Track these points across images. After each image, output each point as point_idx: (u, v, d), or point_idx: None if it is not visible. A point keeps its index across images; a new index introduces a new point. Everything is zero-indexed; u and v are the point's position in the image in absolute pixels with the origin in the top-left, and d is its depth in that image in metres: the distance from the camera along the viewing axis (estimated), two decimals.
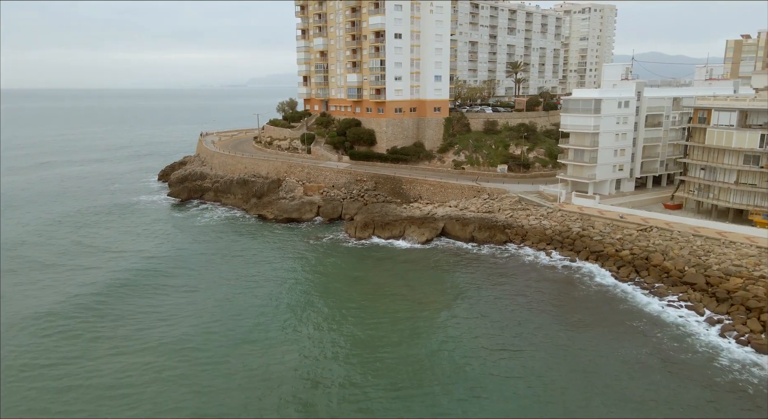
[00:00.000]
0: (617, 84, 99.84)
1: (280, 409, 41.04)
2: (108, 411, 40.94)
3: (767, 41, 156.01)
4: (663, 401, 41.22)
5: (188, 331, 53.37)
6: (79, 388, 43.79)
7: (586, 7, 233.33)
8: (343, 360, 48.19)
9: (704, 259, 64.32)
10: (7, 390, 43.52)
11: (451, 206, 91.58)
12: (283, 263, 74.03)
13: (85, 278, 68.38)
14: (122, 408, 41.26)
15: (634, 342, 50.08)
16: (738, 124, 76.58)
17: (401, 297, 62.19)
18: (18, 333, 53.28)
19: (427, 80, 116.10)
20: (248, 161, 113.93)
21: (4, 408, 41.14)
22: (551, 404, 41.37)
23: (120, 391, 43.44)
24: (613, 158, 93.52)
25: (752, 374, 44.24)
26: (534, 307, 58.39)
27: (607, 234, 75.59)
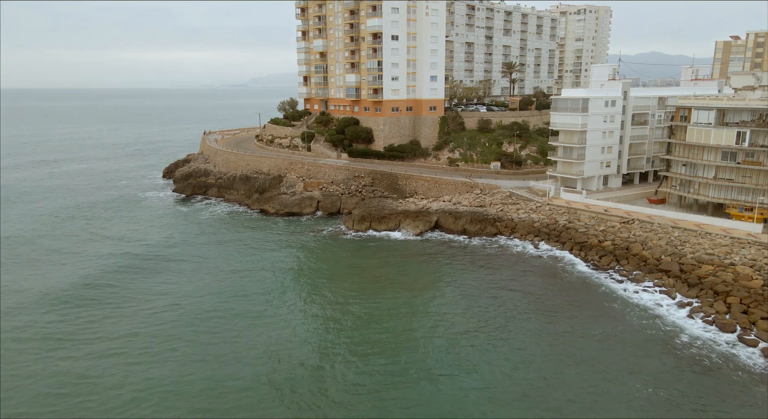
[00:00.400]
0: (605, 84, 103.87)
1: (289, 376, 45.18)
2: (125, 375, 45.19)
3: (755, 42, 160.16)
4: (627, 370, 45.42)
5: (198, 308, 58.20)
6: (95, 353, 48.03)
7: (581, 9, 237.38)
8: (344, 335, 52.47)
9: (680, 249, 68.50)
10: (24, 359, 47.75)
11: (445, 201, 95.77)
12: (285, 251, 78.49)
13: (99, 261, 74.29)
14: (138, 371, 45.46)
15: (607, 322, 54.30)
16: (716, 122, 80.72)
17: (396, 282, 66.47)
18: (41, 308, 58.72)
19: (423, 80, 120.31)
20: (250, 158, 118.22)
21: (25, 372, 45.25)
22: (530, 372, 45.53)
23: (134, 359, 47.79)
24: (600, 155, 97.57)
25: (712, 349, 48.43)
26: (519, 292, 62.59)
27: (592, 226, 79.78)
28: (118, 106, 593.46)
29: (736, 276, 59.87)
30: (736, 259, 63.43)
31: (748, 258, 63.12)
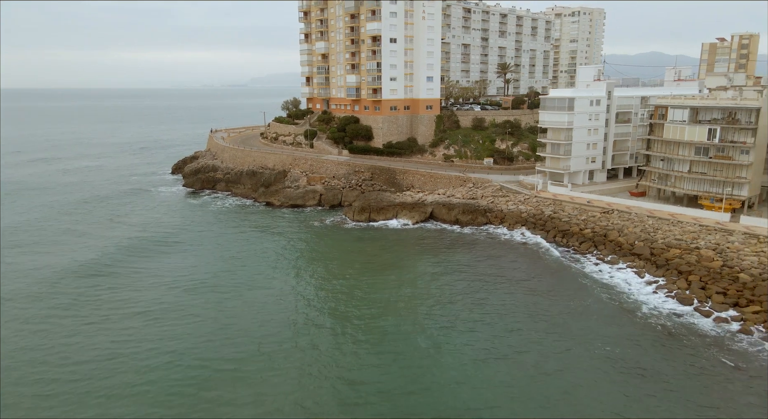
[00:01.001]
0: (590, 84, 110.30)
1: (294, 338, 51.59)
2: (139, 333, 51.65)
3: (740, 44, 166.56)
4: (595, 335, 51.84)
5: (208, 280, 65.52)
6: (110, 316, 54.59)
7: (575, 11, 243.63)
8: (343, 309, 58.85)
9: (652, 235, 74.97)
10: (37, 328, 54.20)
11: (440, 194, 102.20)
12: (290, 237, 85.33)
13: (122, 241, 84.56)
14: (152, 332, 51.91)
15: (581, 297, 60.75)
16: (690, 119, 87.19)
17: (392, 265, 72.97)
18: (63, 279, 67.11)
19: (420, 81, 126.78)
20: (256, 154, 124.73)
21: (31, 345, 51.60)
22: (511, 337, 51.90)
23: (145, 323, 54.76)
24: (585, 151, 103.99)
25: (671, 318, 54.89)
26: (503, 272, 69.01)
27: (574, 216, 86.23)
28: (120, 106, 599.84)
29: (700, 258, 66.33)
30: (701, 244, 69.89)
31: (712, 243, 69.59)
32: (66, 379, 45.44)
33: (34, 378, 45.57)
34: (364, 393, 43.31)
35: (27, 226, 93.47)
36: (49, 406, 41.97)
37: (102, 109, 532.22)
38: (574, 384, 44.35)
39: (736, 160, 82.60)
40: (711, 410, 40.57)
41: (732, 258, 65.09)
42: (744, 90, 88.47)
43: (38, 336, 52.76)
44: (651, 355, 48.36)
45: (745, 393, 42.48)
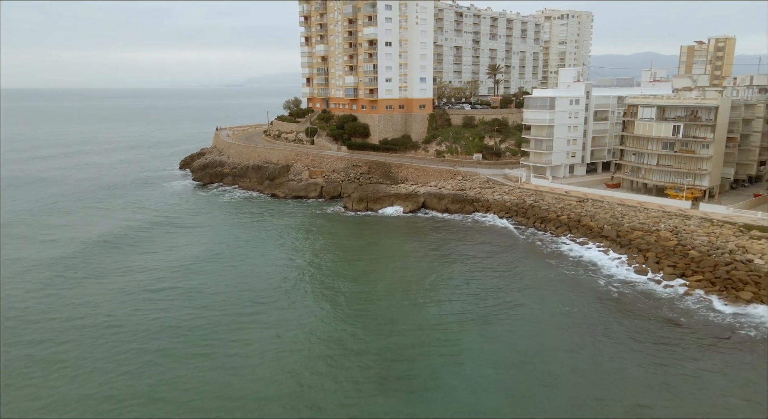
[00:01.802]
0: (570, 85, 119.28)
1: (293, 290, 60.26)
2: (149, 308, 60.25)
3: (716, 47, 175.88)
4: (563, 299, 60.80)
5: (222, 252, 74.71)
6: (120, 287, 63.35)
7: (564, 14, 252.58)
8: (345, 286, 67.54)
9: (620, 220, 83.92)
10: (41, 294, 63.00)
11: (431, 186, 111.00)
12: (295, 224, 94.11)
13: (139, 222, 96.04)
14: (161, 301, 60.62)
15: (554, 271, 69.62)
16: (657, 117, 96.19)
17: (388, 247, 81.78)
18: (85, 246, 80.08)
19: (414, 81, 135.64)
20: (261, 150, 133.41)
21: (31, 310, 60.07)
22: (489, 301, 60.63)
23: (152, 295, 63.51)
24: (566, 146, 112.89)
25: (628, 285, 63.97)
26: (486, 252, 77.82)
27: (553, 204, 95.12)
28: (120, 106, 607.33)
29: (658, 238, 75.31)
30: (661, 227, 78.88)
31: (670, 226, 78.57)
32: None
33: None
34: (359, 349, 51.95)
35: (52, 210, 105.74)
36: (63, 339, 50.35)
37: (102, 109, 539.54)
38: (545, 335, 53.11)
39: (697, 153, 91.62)
40: (660, 347, 49.37)
41: (686, 238, 74.10)
42: (706, 90, 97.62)
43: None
44: (610, 311, 57.30)
45: (685, 336, 51.33)
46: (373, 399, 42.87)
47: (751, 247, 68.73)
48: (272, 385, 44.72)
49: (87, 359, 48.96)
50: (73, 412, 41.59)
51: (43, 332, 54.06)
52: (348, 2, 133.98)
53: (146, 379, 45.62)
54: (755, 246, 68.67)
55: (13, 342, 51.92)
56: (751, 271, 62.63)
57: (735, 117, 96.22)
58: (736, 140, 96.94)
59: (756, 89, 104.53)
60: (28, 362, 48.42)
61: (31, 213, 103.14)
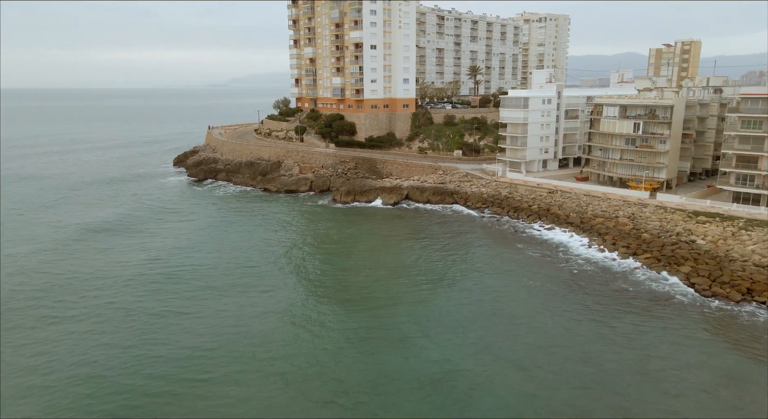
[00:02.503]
0: (543, 86, 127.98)
1: (285, 269, 67.74)
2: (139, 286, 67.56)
3: (682, 49, 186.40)
4: (526, 272, 69.06)
5: (219, 236, 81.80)
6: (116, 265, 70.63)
7: (542, 17, 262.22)
8: (335, 270, 75.17)
9: (584, 208, 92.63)
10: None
11: (414, 180, 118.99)
12: (288, 214, 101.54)
13: (141, 208, 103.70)
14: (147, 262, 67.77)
15: (522, 251, 78.00)
16: (620, 115, 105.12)
17: (374, 234, 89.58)
18: (97, 230, 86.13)
19: (397, 82, 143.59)
20: (253, 148, 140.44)
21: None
22: (467, 277, 68.64)
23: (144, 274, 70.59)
24: (539, 143, 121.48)
25: (588, 261, 72.56)
26: (462, 237, 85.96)
27: (525, 196, 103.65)
28: (103, 107, 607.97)
29: (617, 223, 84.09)
30: (620, 214, 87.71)
31: (628, 213, 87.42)
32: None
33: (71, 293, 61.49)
34: (345, 308, 59.64)
35: (57, 200, 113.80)
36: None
37: (88, 110, 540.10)
38: (510, 300, 61.25)
39: (655, 148, 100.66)
40: (609, 309, 57.71)
41: (641, 223, 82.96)
42: (664, 91, 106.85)
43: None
44: (569, 282, 65.72)
45: (630, 301, 59.76)
46: (358, 345, 50.61)
47: (696, 230, 77.70)
48: (255, 335, 52.39)
49: (82, 312, 58.47)
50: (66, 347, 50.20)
51: (45, 289, 64.76)
52: (335, 8, 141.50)
53: (132, 322, 56.16)
54: (699, 229, 77.65)
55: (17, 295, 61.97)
56: (692, 250, 71.51)
57: (691, 115, 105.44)
58: (692, 136, 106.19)
59: (711, 90, 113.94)
60: (29, 310, 58.98)
61: (31, 206, 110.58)
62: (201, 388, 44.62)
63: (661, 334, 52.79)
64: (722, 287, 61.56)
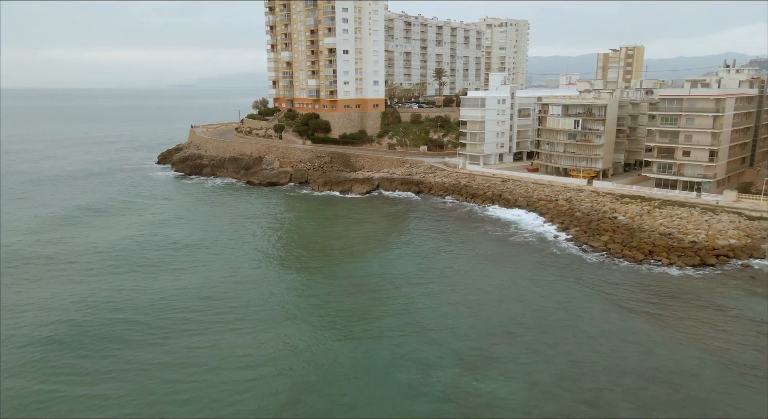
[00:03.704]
0: (498, 87, 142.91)
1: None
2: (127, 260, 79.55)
3: (626, 54, 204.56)
4: (479, 243, 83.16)
5: (210, 224, 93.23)
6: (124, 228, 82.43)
7: (503, 22, 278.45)
8: (314, 250, 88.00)
9: (531, 193, 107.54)
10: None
11: (384, 172, 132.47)
12: (271, 203, 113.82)
13: (134, 200, 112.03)
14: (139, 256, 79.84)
15: (476, 228, 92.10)
16: (562, 113, 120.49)
17: (349, 216, 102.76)
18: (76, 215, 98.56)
19: (368, 84, 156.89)
20: (236, 145, 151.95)
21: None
22: (423, 247, 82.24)
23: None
24: (495, 139, 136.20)
25: (532, 233, 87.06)
26: (426, 218, 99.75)
27: (482, 184, 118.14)
28: (73, 107, 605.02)
29: (556, 205, 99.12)
30: (560, 197, 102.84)
31: (567, 197, 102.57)
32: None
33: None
34: (327, 272, 72.68)
35: (58, 200, 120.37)
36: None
37: (49, 110, 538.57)
38: (464, 265, 75.05)
39: (593, 142, 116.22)
40: (540, 267, 71.85)
41: (575, 204, 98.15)
42: (601, 92, 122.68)
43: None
44: (513, 250, 79.95)
45: (556, 261, 74.15)
46: (342, 297, 63.80)
47: (619, 209, 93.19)
48: (233, 296, 65.24)
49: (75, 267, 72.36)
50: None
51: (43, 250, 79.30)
52: (310, 16, 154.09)
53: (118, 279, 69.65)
54: (622, 208, 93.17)
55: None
56: (613, 224, 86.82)
57: (624, 113, 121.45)
58: (625, 132, 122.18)
59: (643, 91, 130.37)
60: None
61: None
62: (187, 323, 57.61)
63: (573, 282, 67.42)
64: (630, 250, 76.76)
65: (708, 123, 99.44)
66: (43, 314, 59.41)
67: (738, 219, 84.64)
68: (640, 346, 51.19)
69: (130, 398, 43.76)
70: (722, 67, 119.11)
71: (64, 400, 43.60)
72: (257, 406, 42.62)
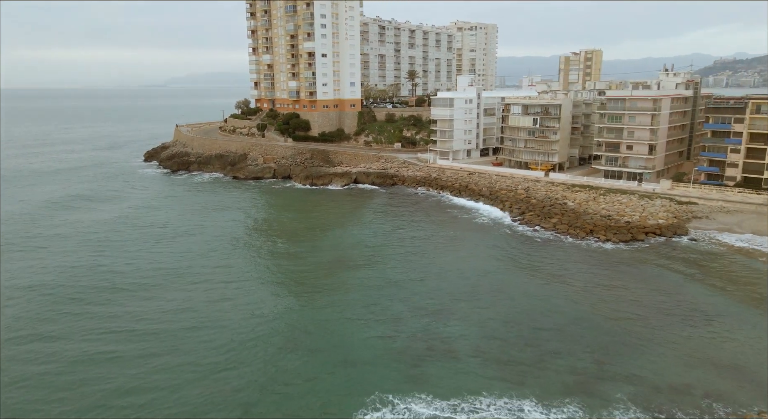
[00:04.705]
0: (466, 88, 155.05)
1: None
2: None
3: (585, 57, 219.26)
4: (447, 227, 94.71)
5: (202, 212, 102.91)
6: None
7: (473, 26, 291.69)
8: (299, 229, 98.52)
9: (494, 185, 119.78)
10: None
11: (361, 167, 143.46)
12: (256, 195, 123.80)
13: (127, 192, 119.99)
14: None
15: (445, 215, 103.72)
16: (522, 112, 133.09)
17: (329, 206, 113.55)
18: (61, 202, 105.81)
19: (345, 85, 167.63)
20: (221, 142, 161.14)
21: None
22: (398, 232, 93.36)
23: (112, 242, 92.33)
24: (463, 136, 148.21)
25: (492, 219, 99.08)
26: (399, 207, 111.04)
27: (450, 177, 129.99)
28: (40, 108, 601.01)
29: (515, 194, 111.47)
30: (519, 188, 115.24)
31: (525, 187, 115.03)
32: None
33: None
34: (312, 254, 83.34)
35: (58, 192, 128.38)
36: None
37: (24, 111, 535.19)
38: (433, 244, 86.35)
39: (549, 138, 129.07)
40: (498, 243, 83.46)
41: (532, 193, 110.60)
42: (557, 93, 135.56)
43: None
44: (475, 230, 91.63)
45: (510, 240, 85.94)
46: (325, 268, 74.60)
47: (570, 196, 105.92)
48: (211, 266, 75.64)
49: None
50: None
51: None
52: (290, 21, 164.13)
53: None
54: (572, 196, 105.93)
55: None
56: (563, 208, 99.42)
57: (578, 112, 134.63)
58: (579, 129, 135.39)
59: (596, 92, 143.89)
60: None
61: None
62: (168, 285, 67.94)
63: (524, 255, 79.46)
64: (575, 229, 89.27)
65: (647, 120, 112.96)
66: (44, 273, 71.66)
67: (669, 204, 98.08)
68: (567, 300, 63.24)
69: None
70: (661, 71, 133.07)
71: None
72: (263, 343, 53.17)
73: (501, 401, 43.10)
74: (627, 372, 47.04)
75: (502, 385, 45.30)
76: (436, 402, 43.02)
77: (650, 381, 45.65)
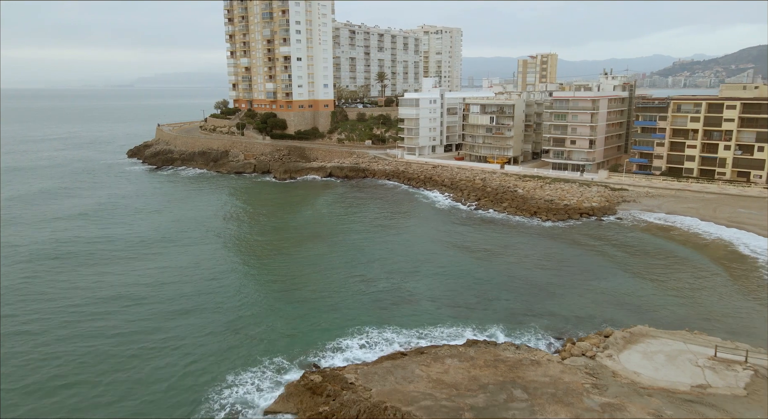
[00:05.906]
0: (430, 90, 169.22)
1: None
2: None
3: (541, 61, 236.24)
4: (414, 214, 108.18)
5: (187, 203, 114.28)
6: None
7: (439, 29, 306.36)
8: (277, 227, 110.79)
9: (455, 176, 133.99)
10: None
11: (335, 162, 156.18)
12: (239, 188, 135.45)
13: (116, 185, 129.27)
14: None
15: (412, 203, 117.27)
16: (480, 111, 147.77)
17: (306, 196, 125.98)
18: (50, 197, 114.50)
19: (319, 86, 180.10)
20: (204, 140, 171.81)
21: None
22: (370, 218, 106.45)
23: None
24: (428, 133, 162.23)
25: (451, 206, 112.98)
26: (371, 196, 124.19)
27: (416, 170, 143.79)
28: (8, 108, 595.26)
29: (473, 184, 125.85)
30: (477, 179, 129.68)
31: (482, 178, 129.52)
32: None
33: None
34: (298, 239, 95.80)
35: (47, 188, 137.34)
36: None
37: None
38: (402, 227, 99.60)
39: (505, 134, 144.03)
40: (457, 227, 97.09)
41: (488, 183, 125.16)
42: (512, 94, 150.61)
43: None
44: (438, 216, 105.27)
45: (465, 223, 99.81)
46: (305, 244, 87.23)
47: (520, 184, 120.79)
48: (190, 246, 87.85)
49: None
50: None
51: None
52: (267, 27, 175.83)
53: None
54: (522, 184, 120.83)
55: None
56: (513, 195, 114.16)
57: (531, 111, 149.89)
58: (532, 126, 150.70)
59: (547, 93, 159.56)
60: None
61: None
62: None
63: (477, 231, 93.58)
64: (521, 211, 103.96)
65: (587, 118, 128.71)
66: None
67: (604, 190, 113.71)
68: (508, 263, 77.50)
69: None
70: (601, 74, 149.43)
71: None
72: (265, 291, 65.78)
73: (450, 329, 56.75)
74: (545, 310, 61.23)
75: (451, 321, 58.91)
76: (403, 331, 56.39)
77: (562, 315, 59.92)
